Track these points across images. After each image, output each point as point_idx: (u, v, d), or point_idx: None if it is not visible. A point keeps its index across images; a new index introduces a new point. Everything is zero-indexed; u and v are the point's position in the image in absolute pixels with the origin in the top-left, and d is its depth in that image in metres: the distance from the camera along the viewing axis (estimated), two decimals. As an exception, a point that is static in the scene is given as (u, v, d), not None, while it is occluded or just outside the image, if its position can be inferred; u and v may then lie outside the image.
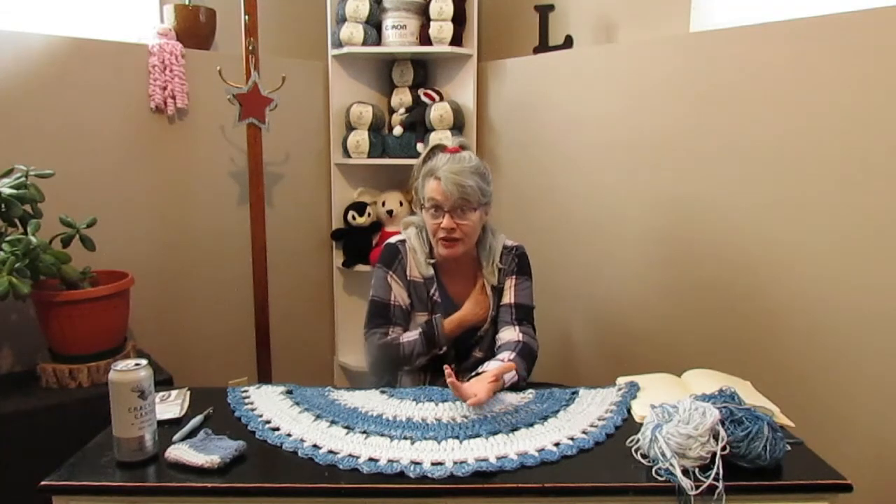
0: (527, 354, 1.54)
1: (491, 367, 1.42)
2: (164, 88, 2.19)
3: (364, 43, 2.46)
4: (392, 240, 1.67)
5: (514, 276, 1.66)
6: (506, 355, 1.50)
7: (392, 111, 2.67)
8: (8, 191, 1.69)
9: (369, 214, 2.62)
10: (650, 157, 2.01)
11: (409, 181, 1.66)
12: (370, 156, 2.57)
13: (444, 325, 1.59)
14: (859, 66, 1.53)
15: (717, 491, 1.00)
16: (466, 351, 1.64)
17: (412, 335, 1.59)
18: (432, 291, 1.62)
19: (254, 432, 1.20)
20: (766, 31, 1.70)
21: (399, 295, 1.62)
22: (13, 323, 1.98)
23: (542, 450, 1.13)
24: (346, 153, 2.61)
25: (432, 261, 1.62)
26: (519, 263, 1.67)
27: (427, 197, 1.55)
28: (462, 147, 1.60)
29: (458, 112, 2.50)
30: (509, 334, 1.59)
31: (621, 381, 1.43)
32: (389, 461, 1.09)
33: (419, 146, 2.54)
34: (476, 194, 1.53)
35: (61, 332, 1.80)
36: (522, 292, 1.66)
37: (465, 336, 1.63)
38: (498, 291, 1.65)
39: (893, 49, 1.47)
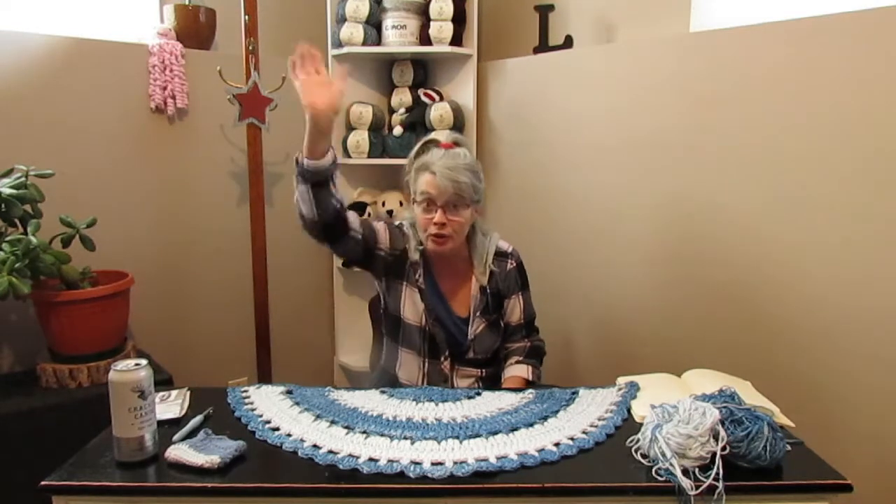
0: (537, 353, 1.72)
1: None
2: (164, 88, 2.19)
3: (364, 43, 2.46)
4: (395, 221, 1.70)
5: (519, 294, 1.69)
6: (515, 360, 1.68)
7: (392, 111, 2.66)
8: (8, 191, 1.69)
9: (369, 214, 2.61)
10: (650, 157, 2.01)
11: (404, 177, 1.64)
12: (370, 156, 2.57)
13: (304, 151, 1.42)
14: (859, 66, 1.53)
15: (717, 491, 1.00)
16: (461, 353, 1.64)
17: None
18: (418, 275, 1.61)
19: (254, 432, 1.20)
20: (766, 31, 1.70)
21: (378, 232, 1.58)
22: (13, 323, 1.99)
23: (542, 450, 1.13)
24: (346, 153, 2.61)
25: (420, 248, 1.61)
26: (520, 277, 1.70)
27: (420, 191, 1.54)
28: (456, 143, 1.60)
29: (458, 112, 2.50)
30: (518, 343, 1.71)
31: (621, 381, 1.43)
32: (389, 461, 1.09)
33: (419, 146, 2.54)
34: (469, 191, 1.53)
35: (61, 332, 1.80)
36: (528, 306, 1.72)
37: (458, 339, 1.63)
38: (494, 297, 1.65)
39: (893, 49, 1.47)
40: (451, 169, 1.50)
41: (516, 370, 1.65)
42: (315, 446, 1.14)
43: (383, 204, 2.63)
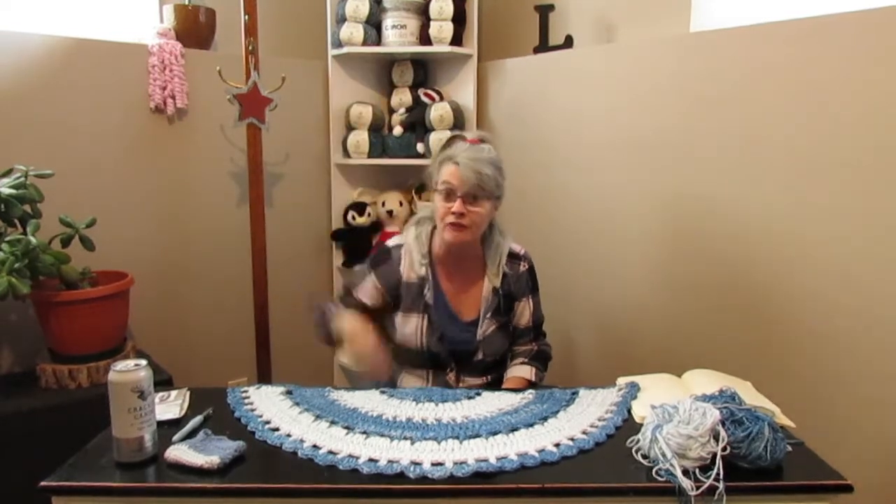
0: (542, 357, 1.71)
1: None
2: (164, 88, 2.19)
3: (364, 43, 2.46)
4: (389, 242, 1.69)
5: (529, 297, 1.69)
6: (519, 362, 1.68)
7: (392, 111, 2.66)
8: (8, 191, 1.69)
9: (369, 214, 2.61)
10: (650, 156, 2.01)
11: (427, 170, 1.64)
12: (370, 156, 2.57)
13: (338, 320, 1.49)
14: (860, 66, 1.53)
15: (718, 491, 1.00)
16: (468, 355, 1.64)
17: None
18: (426, 291, 1.61)
19: (254, 433, 1.20)
20: (766, 31, 1.70)
21: (369, 295, 1.62)
22: (13, 323, 1.98)
23: (542, 450, 1.13)
24: (346, 153, 2.61)
25: (425, 261, 1.62)
26: (531, 280, 1.70)
27: (442, 181, 1.56)
28: (482, 140, 1.62)
29: (458, 112, 2.50)
30: (525, 346, 1.70)
31: (621, 381, 1.43)
32: (389, 461, 1.09)
33: (419, 146, 2.54)
34: (491, 184, 1.54)
35: (61, 333, 1.80)
36: (537, 310, 1.72)
37: (466, 341, 1.63)
38: (506, 299, 1.65)
39: (893, 49, 1.47)
40: (475, 161, 1.52)
41: (519, 371, 1.65)
42: (315, 447, 1.14)
43: (383, 204, 2.63)
